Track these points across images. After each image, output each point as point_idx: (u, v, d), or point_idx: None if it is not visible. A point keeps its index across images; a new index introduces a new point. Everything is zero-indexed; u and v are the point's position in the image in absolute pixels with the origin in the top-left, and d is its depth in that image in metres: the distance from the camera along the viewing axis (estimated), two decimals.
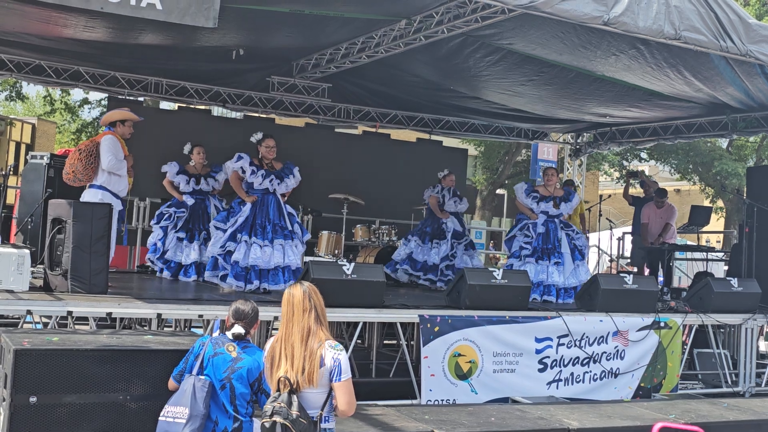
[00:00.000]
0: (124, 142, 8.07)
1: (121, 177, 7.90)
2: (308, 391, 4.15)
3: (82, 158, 7.78)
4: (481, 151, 26.22)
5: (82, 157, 7.78)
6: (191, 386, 4.65)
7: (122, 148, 7.97)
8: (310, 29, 10.03)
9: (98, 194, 7.73)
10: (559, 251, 10.15)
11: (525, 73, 11.18)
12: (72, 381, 4.98)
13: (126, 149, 8.03)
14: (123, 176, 7.92)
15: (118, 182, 7.88)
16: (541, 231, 10.22)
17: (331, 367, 4.17)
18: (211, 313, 6.98)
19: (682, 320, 9.17)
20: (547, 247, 10.17)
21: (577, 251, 10.28)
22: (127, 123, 8.14)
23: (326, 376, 4.17)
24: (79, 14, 8.71)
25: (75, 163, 7.78)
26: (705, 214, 13.27)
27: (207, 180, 10.01)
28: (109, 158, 7.75)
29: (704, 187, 27.57)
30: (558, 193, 10.42)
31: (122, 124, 8.11)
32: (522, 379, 8.12)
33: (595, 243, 16.08)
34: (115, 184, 7.86)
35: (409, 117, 14.76)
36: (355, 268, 7.64)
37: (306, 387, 4.14)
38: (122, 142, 8.02)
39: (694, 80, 10.35)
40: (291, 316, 4.25)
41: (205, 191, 9.99)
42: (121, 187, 7.93)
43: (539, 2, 6.91)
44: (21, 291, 6.63)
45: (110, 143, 7.83)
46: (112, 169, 7.78)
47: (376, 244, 11.89)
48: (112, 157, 7.75)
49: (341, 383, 4.19)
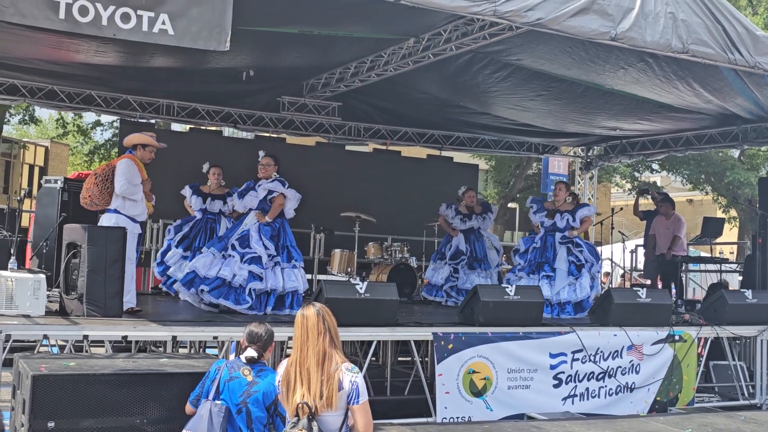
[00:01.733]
0: (143, 166, 8.05)
1: (137, 202, 7.84)
2: (327, 415, 4.16)
3: (98, 183, 7.80)
4: (492, 166, 26.25)
5: (98, 182, 7.80)
6: (208, 411, 4.68)
7: (140, 172, 7.89)
8: (320, 49, 10.10)
9: (113, 218, 7.74)
10: (552, 265, 10.13)
11: (534, 89, 11.21)
12: (89, 405, 5.02)
13: (144, 173, 7.99)
14: (138, 201, 7.84)
15: (133, 207, 7.82)
16: (537, 245, 10.26)
17: (349, 390, 4.19)
18: (226, 335, 7.01)
19: (696, 333, 9.14)
20: (541, 261, 10.18)
21: (575, 266, 10.17)
22: (149, 148, 8.07)
23: (344, 399, 4.19)
24: (90, 39, 8.79)
25: (91, 187, 7.81)
26: (718, 226, 13.21)
27: (215, 201, 10.06)
28: (122, 183, 7.71)
29: (717, 197, 27.47)
30: (565, 207, 10.41)
31: (143, 148, 8.06)
32: (537, 395, 8.10)
33: (608, 256, 16.01)
34: (130, 208, 7.80)
35: (419, 134, 14.79)
36: (368, 286, 7.64)
37: (325, 411, 4.15)
38: (140, 166, 7.95)
39: (703, 92, 10.35)
40: (305, 340, 4.25)
41: (210, 211, 10.04)
42: (137, 212, 7.86)
43: (547, 19, 6.94)
44: (37, 315, 6.68)
45: (125, 168, 7.78)
46: (125, 193, 7.74)
47: (388, 261, 11.91)
48: (125, 181, 7.71)
49: (360, 406, 4.21)
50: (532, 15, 6.82)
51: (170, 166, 11.54)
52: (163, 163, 11.46)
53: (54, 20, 5.44)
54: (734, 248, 26.30)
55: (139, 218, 7.93)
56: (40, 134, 40.07)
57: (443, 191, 13.72)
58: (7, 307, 6.57)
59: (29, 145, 34.50)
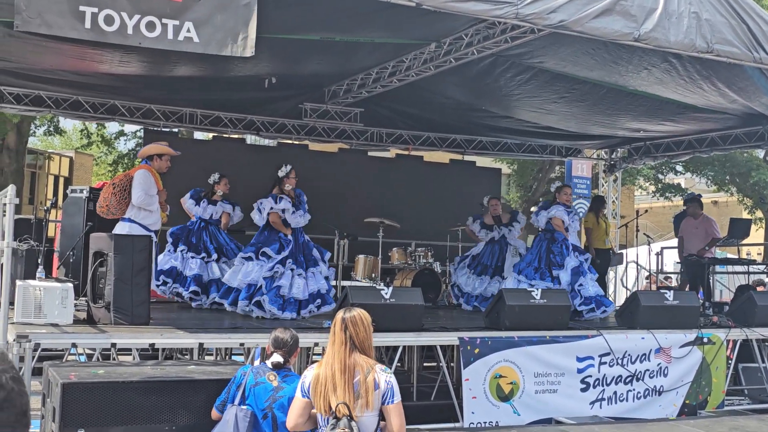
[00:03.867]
0: (159, 176, 8.13)
1: (152, 212, 7.92)
2: (365, 415, 4.17)
3: (116, 192, 7.88)
4: (515, 170, 26.16)
5: (116, 192, 7.88)
6: (233, 416, 4.69)
7: (156, 182, 8.01)
8: (341, 55, 10.12)
9: (126, 227, 7.81)
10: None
11: (556, 91, 11.17)
12: (118, 413, 5.05)
13: (160, 183, 8.08)
14: (154, 211, 7.93)
15: (147, 216, 7.91)
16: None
17: (384, 389, 4.21)
18: (252, 341, 7.03)
19: (725, 335, 9.05)
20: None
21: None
22: (165, 157, 8.18)
23: (380, 398, 4.20)
24: (114, 50, 8.87)
25: (109, 197, 7.89)
26: (744, 227, 13.06)
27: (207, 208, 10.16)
28: (139, 194, 7.81)
29: (742, 198, 27.22)
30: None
31: (159, 158, 8.16)
32: (565, 399, 8.05)
33: (633, 258, 15.89)
34: (144, 217, 7.90)
35: (441, 138, 14.78)
36: (394, 292, 7.64)
37: (363, 411, 4.16)
38: (157, 177, 8.06)
39: (728, 91, 10.26)
40: (343, 340, 4.27)
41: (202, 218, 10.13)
42: (150, 221, 7.95)
43: (569, 21, 6.91)
44: (65, 324, 6.72)
45: (142, 178, 7.87)
46: (142, 204, 7.83)
47: (412, 266, 11.89)
48: (142, 192, 7.80)
49: (395, 405, 4.23)
50: (554, 17, 6.79)
51: (194, 175, 11.59)
52: (186, 171, 11.58)
53: (80, 30, 5.49)
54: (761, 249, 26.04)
55: (153, 227, 8.00)
56: (65, 145, 40.42)
57: (466, 196, 13.70)
58: (35, 317, 6.63)
59: (54, 155, 34.83)
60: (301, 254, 8.78)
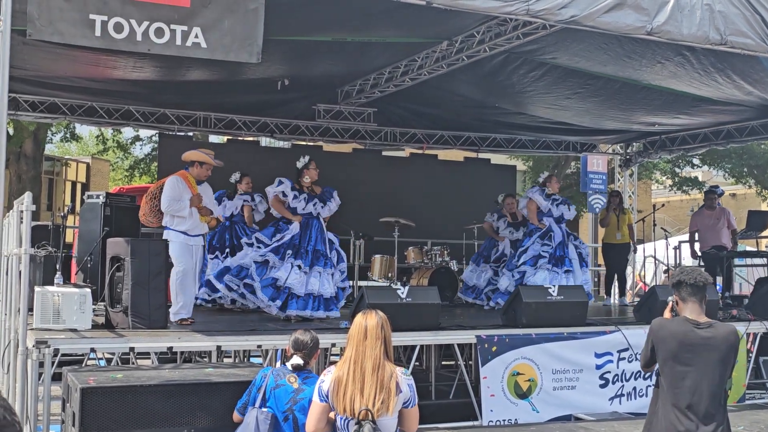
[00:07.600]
0: (195, 182, 8.02)
1: (185, 218, 7.77)
2: (385, 419, 4.16)
3: (148, 201, 7.89)
4: (530, 166, 26.06)
5: (148, 200, 7.90)
6: (254, 419, 4.70)
7: (189, 188, 7.87)
8: (353, 56, 10.13)
9: (170, 234, 7.77)
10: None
11: (570, 87, 11.13)
12: (138, 417, 5.07)
13: (195, 189, 7.92)
14: (187, 216, 7.77)
15: (181, 222, 7.76)
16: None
17: (406, 393, 4.21)
18: (270, 343, 7.04)
19: (745, 328, 8.97)
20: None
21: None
22: (205, 166, 8.07)
23: (401, 402, 4.20)
24: (127, 56, 8.92)
25: (144, 206, 7.93)
26: (763, 219, 12.96)
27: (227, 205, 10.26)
28: (164, 201, 7.74)
29: (761, 190, 27.02)
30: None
31: (200, 166, 8.07)
32: (583, 395, 8.02)
33: (651, 253, 15.80)
34: (178, 224, 7.77)
35: (455, 136, 14.76)
36: (410, 291, 7.64)
37: (383, 415, 4.15)
38: (191, 182, 7.93)
39: (743, 83, 10.19)
40: (363, 343, 4.25)
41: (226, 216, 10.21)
42: (186, 227, 7.78)
43: (581, 16, 6.86)
44: (84, 329, 6.76)
45: (169, 186, 7.78)
46: (169, 211, 7.74)
47: (429, 265, 11.88)
48: (166, 199, 7.71)
49: (414, 409, 4.25)
50: (565, 12, 6.75)
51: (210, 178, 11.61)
52: None
53: (91, 38, 5.53)
54: None
55: (192, 232, 7.83)
56: (81, 151, 40.63)
57: (481, 194, 13.67)
58: (54, 322, 6.68)
59: (71, 162, 35.06)
60: (310, 249, 8.62)
